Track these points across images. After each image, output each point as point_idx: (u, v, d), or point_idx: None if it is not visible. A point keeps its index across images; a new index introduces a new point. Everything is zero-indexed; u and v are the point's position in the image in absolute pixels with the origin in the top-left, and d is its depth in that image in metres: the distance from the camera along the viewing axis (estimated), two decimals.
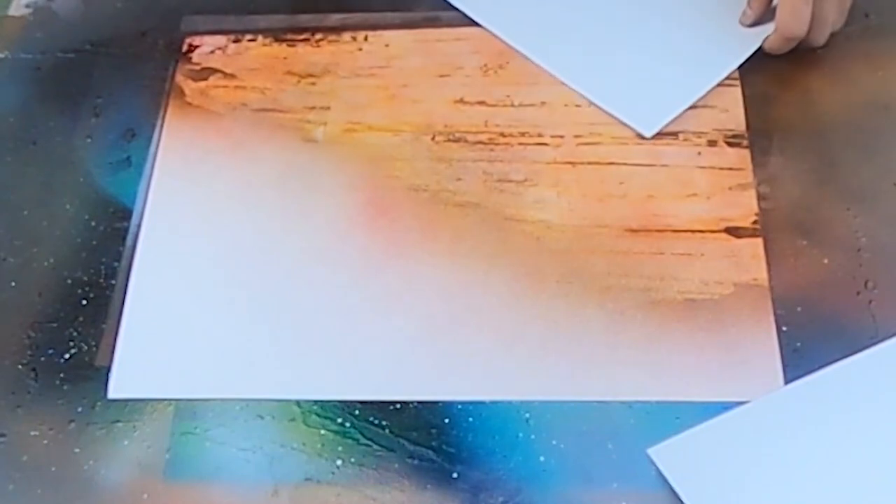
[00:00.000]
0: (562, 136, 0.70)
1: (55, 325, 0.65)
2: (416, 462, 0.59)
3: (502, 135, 0.71)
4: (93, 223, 0.69)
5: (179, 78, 0.75)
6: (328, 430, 0.60)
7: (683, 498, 0.55)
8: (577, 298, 0.64)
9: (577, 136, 0.70)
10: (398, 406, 0.61)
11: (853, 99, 0.70)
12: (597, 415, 0.59)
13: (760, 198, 0.66)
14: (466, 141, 0.71)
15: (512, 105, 0.72)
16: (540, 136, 0.71)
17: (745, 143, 0.69)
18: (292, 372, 0.62)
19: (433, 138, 0.71)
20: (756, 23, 0.72)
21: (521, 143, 0.70)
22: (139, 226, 0.68)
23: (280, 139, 0.72)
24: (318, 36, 0.77)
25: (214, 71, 0.76)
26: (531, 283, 0.64)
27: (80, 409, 0.62)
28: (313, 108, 0.73)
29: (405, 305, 0.64)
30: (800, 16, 0.69)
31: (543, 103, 0.72)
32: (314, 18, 0.78)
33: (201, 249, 0.67)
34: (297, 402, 0.61)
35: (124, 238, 0.68)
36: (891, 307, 0.61)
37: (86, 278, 0.67)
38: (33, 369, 0.63)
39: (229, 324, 0.64)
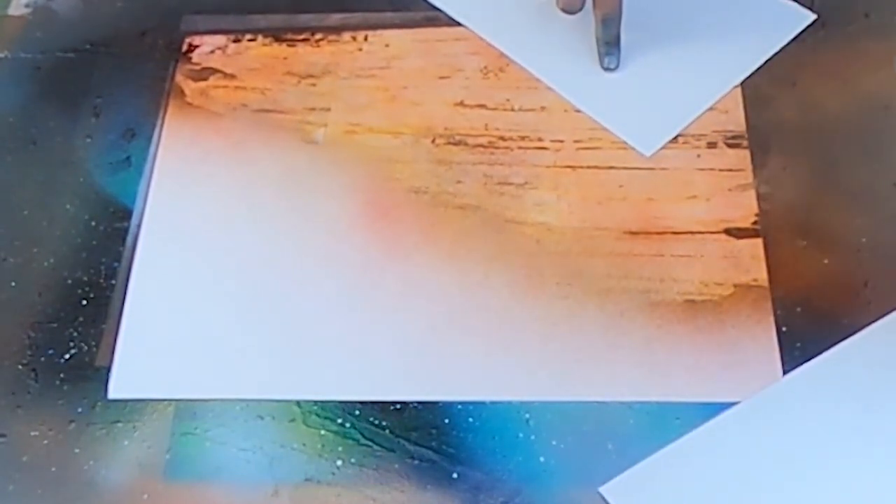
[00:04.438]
0: (562, 141, 0.70)
1: (55, 325, 0.65)
2: (416, 462, 0.59)
3: (502, 138, 0.71)
4: (93, 223, 0.69)
5: (179, 78, 0.75)
6: (328, 431, 0.60)
7: None
8: (577, 300, 0.64)
9: (576, 141, 0.70)
10: (398, 406, 0.61)
11: (853, 99, 0.70)
12: (597, 415, 0.59)
13: (760, 198, 0.66)
14: (467, 144, 0.71)
15: (512, 109, 0.72)
16: (540, 140, 0.71)
17: (744, 143, 0.69)
18: (292, 372, 0.62)
19: (433, 141, 0.71)
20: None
21: (521, 147, 0.70)
22: (139, 226, 0.68)
23: (280, 140, 0.72)
24: (318, 36, 0.77)
25: (214, 71, 0.76)
26: (531, 284, 0.64)
27: (80, 410, 0.62)
28: (313, 109, 0.73)
29: (405, 306, 0.64)
30: None
31: (543, 108, 0.72)
32: (314, 18, 0.78)
33: (201, 250, 0.67)
34: (297, 403, 0.61)
35: (124, 238, 0.68)
36: (891, 307, 0.61)
37: (86, 278, 0.66)
38: (33, 369, 0.63)
39: (229, 324, 0.64)
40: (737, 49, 0.73)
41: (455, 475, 0.58)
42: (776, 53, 0.72)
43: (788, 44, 0.73)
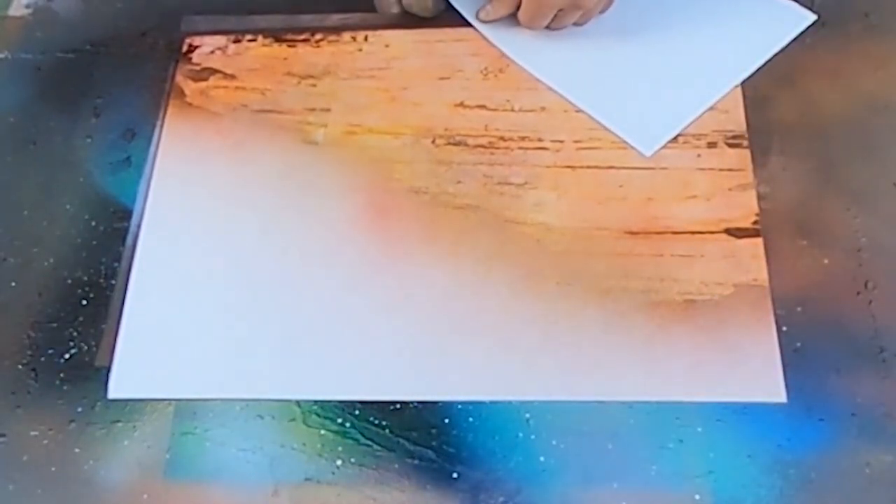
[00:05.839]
0: (561, 141, 0.70)
1: (55, 325, 0.65)
2: (416, 462, 0.59)
3: (502, 139, 0.71)
4: (93, 223, 0.69)
5: (179, 78, 0.75)
6: (328, 431, 0.60)
7: None
8: (577, 300, 0.64)
9: (576, 141, 0.70)
10: (398, 406, 0.61)
11: (853, 99, 0.70)
12: (597, 415, 0.59)
13: (760, 198, 0.66)
14: (467, 144, 0.71)
15: (512, 110, 0.72)
16: (540, 140, 0.71)
17: (744, 143, 0.69)
18: (292, 372, 0.62)
19: (433, 141, 0.71)
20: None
21: (520, 148, 0.70)
22: (139, 226, 0.68)
23: (280, 141, 0.72)
24: (318, 36, 0.77)
25: (214, 71, 0.76)
26: (531, 284, 0.64)
27: (80, 409, 0.62)
28: (313, 109, 0.73)
29: (405, 306, 0.64)
30: None
31: (543, 109, 0.72)
32: (314, 18, 0.78)
33: (201, 250, 0.67)
34: (297, 402, 0.61)
35: (124, 238, 0.68)
36: (891, 307, 0.61)
37: (86, 278, 0.66)
38: (33, 369, 0.63)
39: (229, 324, 0.64)
40: (737, 49, 0.73)
41: (455, 475, 0.58)
42: (776, 53, 0.72)
43: (788, 44, 0.73)
